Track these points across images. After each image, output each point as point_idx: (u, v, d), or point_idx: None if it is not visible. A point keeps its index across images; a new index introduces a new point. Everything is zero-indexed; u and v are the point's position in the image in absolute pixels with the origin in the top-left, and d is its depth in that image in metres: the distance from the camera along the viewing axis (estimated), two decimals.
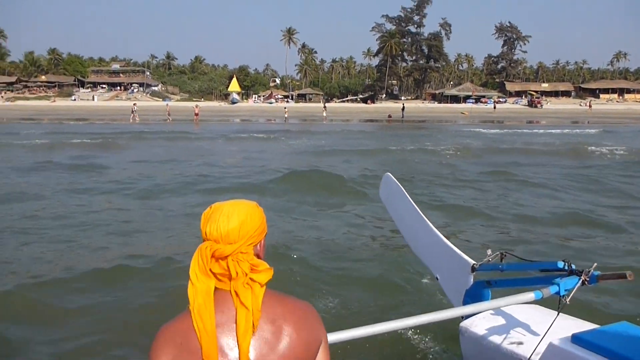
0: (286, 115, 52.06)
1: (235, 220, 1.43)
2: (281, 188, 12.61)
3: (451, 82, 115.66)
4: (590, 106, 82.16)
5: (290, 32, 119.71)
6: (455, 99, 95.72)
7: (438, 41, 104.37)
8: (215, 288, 1.40)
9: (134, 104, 50.87)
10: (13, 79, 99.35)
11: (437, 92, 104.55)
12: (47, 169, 15.57)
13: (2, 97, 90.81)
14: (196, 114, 47.01)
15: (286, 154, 20.76)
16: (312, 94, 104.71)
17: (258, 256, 1.50)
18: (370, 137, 30.45)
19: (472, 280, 3.52)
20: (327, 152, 21.09)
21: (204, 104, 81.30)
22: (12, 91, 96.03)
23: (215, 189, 12.50)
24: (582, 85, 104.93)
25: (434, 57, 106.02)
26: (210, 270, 1.39)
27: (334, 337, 2.23)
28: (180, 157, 18.99)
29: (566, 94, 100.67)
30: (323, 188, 12.54)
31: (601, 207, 10.64)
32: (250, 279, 1.39)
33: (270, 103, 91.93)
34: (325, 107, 61.33)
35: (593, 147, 22.00)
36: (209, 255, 1.40)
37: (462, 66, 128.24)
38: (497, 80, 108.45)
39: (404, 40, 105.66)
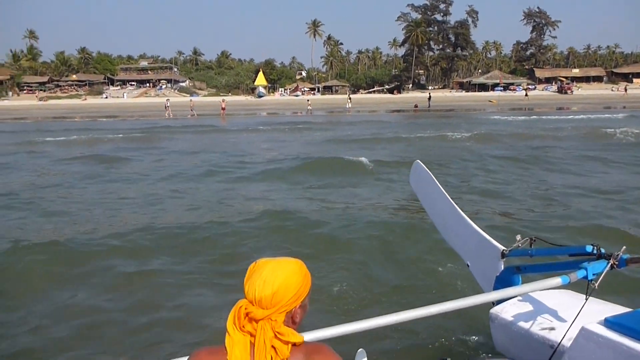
0: (309, 107, 52.02)
1: (269, 288, 1.47)
2: (300, 173, 13.14)
3: (479, 70, 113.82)
4: (625, 91, 79.71)
5: (315, 25, 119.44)
6: (483, 87, 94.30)
7: (465, 29, 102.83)
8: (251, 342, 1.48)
9: (167, 100, 51.61)
10: (45, 78, 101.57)
11: (464, 80, 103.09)
12: (81, 162, 16.26)
13: (36, 96, 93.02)
14: (223, 109, 47.39)
15: (307, 144, 21.00)
16: (338, 85, 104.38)
17: (293, 319, 1.55)
18: (395, 127, 30.34)
19: (502, 266, 3.51)
20: (349, 141, 21.28)
21: (230, 98, 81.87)
22: (44, 91, 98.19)
23: (238, 177, 13.02)
24: (615, 70, 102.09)
25: (461, 46, 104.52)
26: (243, 327, 1.47)
27: (362, 324, 2.24)
28: (207, 148, 19.58)
29: (598, 79, 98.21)
30: (342, 173, 12.95)
31: (624, 187, 10.60)
32: (273, 347, 1.44)
33: (297, 96, 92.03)
34: (350, 98, 60.73)
35: (617, 131, 21.71)
36: (243, 315, 1.47)
37: (490, 54, 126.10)
38: (527, 67, 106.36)
39: (430, 29, 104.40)
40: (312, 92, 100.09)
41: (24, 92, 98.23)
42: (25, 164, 16.33)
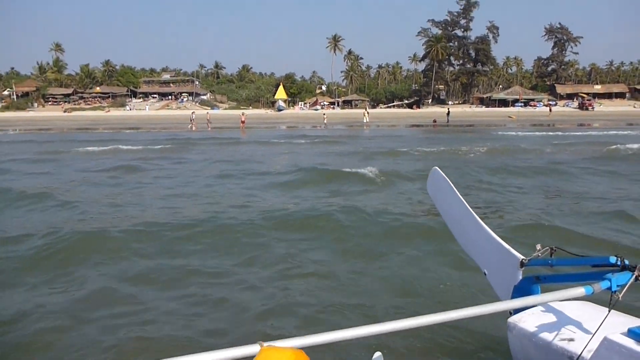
0: (325, 122, 52.16)
1: None
2: (311, 183, 13.69)
3: (500, 86, 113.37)
4: None
5: (335, 39, 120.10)
6: (503, 103, 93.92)
7: (485, 44, 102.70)
8: None
9: (193, 113, 52.14)
10: (70, 90, 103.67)
11: (484, 96, 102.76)
12: (108, 170, 16.77)
13: (61, 107, 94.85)
14: (243, 122, 47.80)
15: (322, 156, 21.31)
16: (358, 100, 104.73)
17: None
18: (412, 141, 30.31)
19: (520, 275, 3.46)
20: (363, 154, 21.52)
21: (251, 111, 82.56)
22: (69, 102, 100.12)
23: (252, 185, 13.45)
24: (638, 87, 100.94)
25: (482, 61, 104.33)
26: None
27: (379, 328, 2.26)
28: (226, 159, 20.15)
29: (620, 95, 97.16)
30: (352, 183, 13.44)
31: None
32: None
33: (316, 110, 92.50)
34: (367, 112, 60.47)
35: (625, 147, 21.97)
36: None
37: (511, 69, 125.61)
38: (548, 83, 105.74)
39: (451, 44, 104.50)
40: (332, 106, 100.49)
41: (49, 103, 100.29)
42: (53, 171, 16.92)
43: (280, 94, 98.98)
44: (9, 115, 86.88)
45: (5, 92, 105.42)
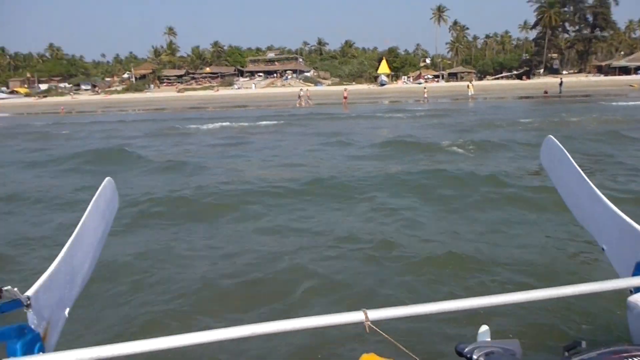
0: (425, 96, 50.89)
1: None
2: (401, 152, 14.68)
3: (621, 52, 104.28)
4: None
5: (440, 10, 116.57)
6: (625, 71, 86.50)
7: (604, 8, 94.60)
8: None
9: (300, 90, 53.31)
10: (182, 71, 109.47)
11: (603, 64, 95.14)
12: (225, 143, 18.61)
13: (175, 88, 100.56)
14: (345, 97, 48.00)
15: (419, 129, 21.59)
16: (463, 72, 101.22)
17: None
18: (517, 113, 28.97)
19: None
20: (458, 126, 21.61)
21: (353, 87, 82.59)
22: (181, 83, 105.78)
23: (348, 155, 14.10)
24: None
25: (600, 26, 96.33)
26: None
27: (484, 300, 2.24)
28: (327, 131, 21.45)
29: None
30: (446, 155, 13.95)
31: None
32: None
33: (419, 83, 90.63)
34: (471, 85, 57.78)
35: None
36: None
37: (635, 34, 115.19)
38: None
39: (565, 9, 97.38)
40: (436, 79, 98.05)
41: (164, 84, 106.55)
42: (175, 145, 19.10)
43: (383, 68, 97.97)
44: (129, 96, 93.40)
45: (125, 75, 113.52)
